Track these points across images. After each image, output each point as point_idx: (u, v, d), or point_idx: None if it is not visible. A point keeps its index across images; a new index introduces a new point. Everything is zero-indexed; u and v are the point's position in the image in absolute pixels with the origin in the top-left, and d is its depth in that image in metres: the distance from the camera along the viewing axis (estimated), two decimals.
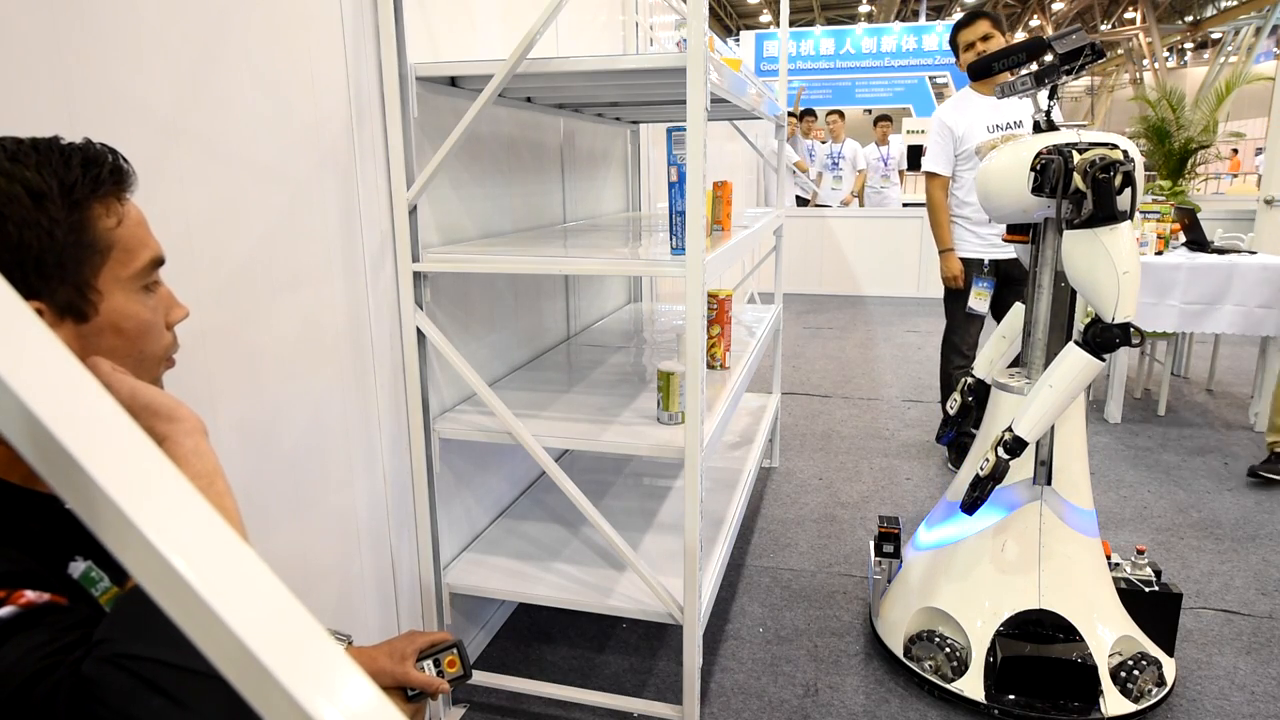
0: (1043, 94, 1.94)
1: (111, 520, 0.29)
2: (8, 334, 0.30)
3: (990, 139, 2.13)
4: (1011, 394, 2.01)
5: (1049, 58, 1.85)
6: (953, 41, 3.33)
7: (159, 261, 0.82)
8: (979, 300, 3.15)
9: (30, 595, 0.67)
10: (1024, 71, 1.94)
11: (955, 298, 3.44)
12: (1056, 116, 1.98)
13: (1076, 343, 1.82)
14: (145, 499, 0.29)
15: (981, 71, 2.10)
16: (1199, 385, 4.68)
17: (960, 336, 3.43)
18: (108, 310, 0.76)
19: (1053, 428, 1.94)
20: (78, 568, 0.74)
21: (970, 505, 1.93)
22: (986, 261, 3.29)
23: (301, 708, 0.26)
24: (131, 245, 0.78)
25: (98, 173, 0.75)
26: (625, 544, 1.74)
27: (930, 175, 3.36)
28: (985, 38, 3.16)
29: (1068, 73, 1.84)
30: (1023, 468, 1.96)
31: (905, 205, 7.97)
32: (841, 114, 8.02)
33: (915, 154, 8.00)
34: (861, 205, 8.08)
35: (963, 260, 3.38)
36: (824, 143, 8.16)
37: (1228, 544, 2.78)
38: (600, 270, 1.76)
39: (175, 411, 0.75)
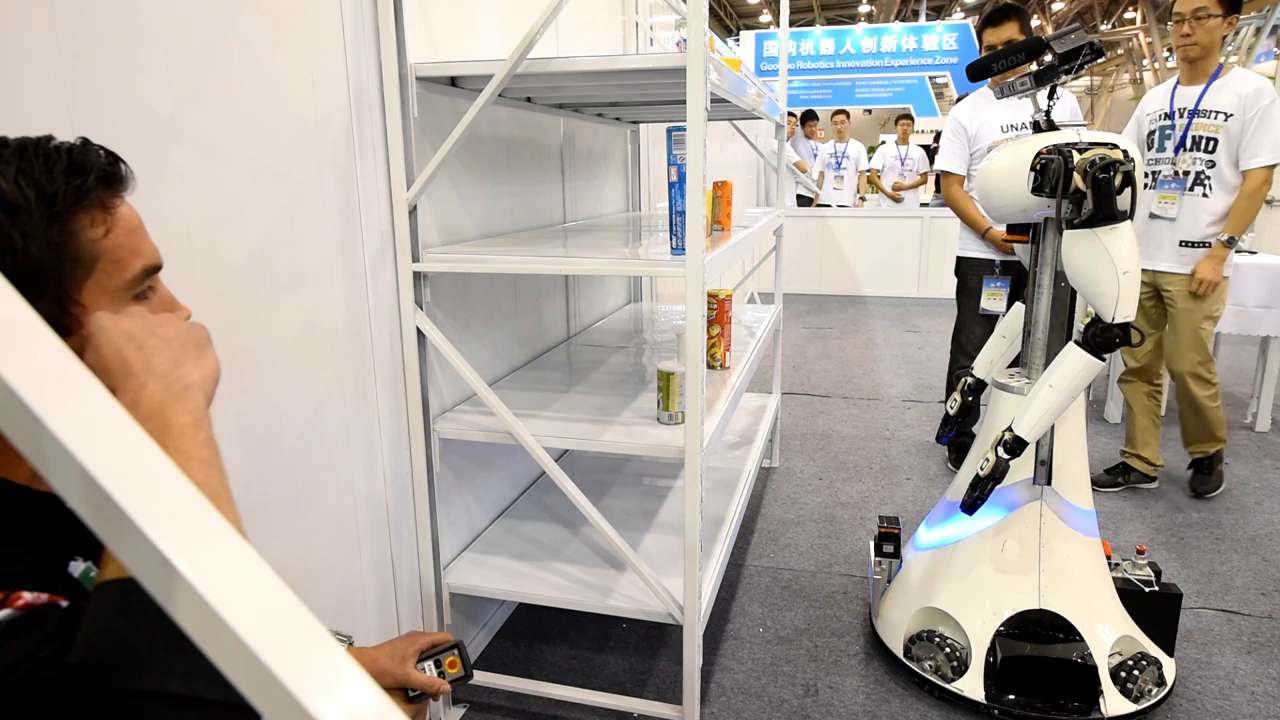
0: (1042, 94, 1.95)
1: (112, 520, 0.29)
2: (8, 337, 0.30)
3: (1005, 139, 2.15)
4: (1011, 394, 2.01)
5: (1048, 58, 1.85)
6: (979, 36, 3.28)
7: (154, 269, 0.78)
8: (993, 300, 3.13)
9: (28, 596, 0.67)
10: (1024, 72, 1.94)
11: (963, 298, 3.43)
12: (1059, 115, 1.97)
13: (1076, 343, 1.82)
14: (145, 498, 0.29)
15: (980, 73, 2.09)
16: None
17: (966, 336, 3.42)
18: None
19: (1053, 427, 1.95)
20: (78, 567, 0.73)
21: (970, 505, 1.93)
22: (997, 262, 3.27)
23: (303, 708, 0.26)
24: (121, 255, 0.73)
25: (82, 181, 0.70)
26: (625, 544, 1.74)
27: (945, 174, 3.35)
28: (1009, 42, 3.04)
29: (1067, 72, 1.84)
30: (1023, 468, 1.96)
31: (923, 205, 7.97)
32: (847, 113, 8.01)
33: (931, 154, 8.01)
34: (898, 201, 7.97)
35: (972, 260, 3.37)
36: (825, 142, 8.16)
37: (1228, 544, 2.78)
38: (600, 270, 1.76)
39: (212, 366, 0.73)
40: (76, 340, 0.72)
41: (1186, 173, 2.92)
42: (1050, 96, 1.95)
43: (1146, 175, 3.05)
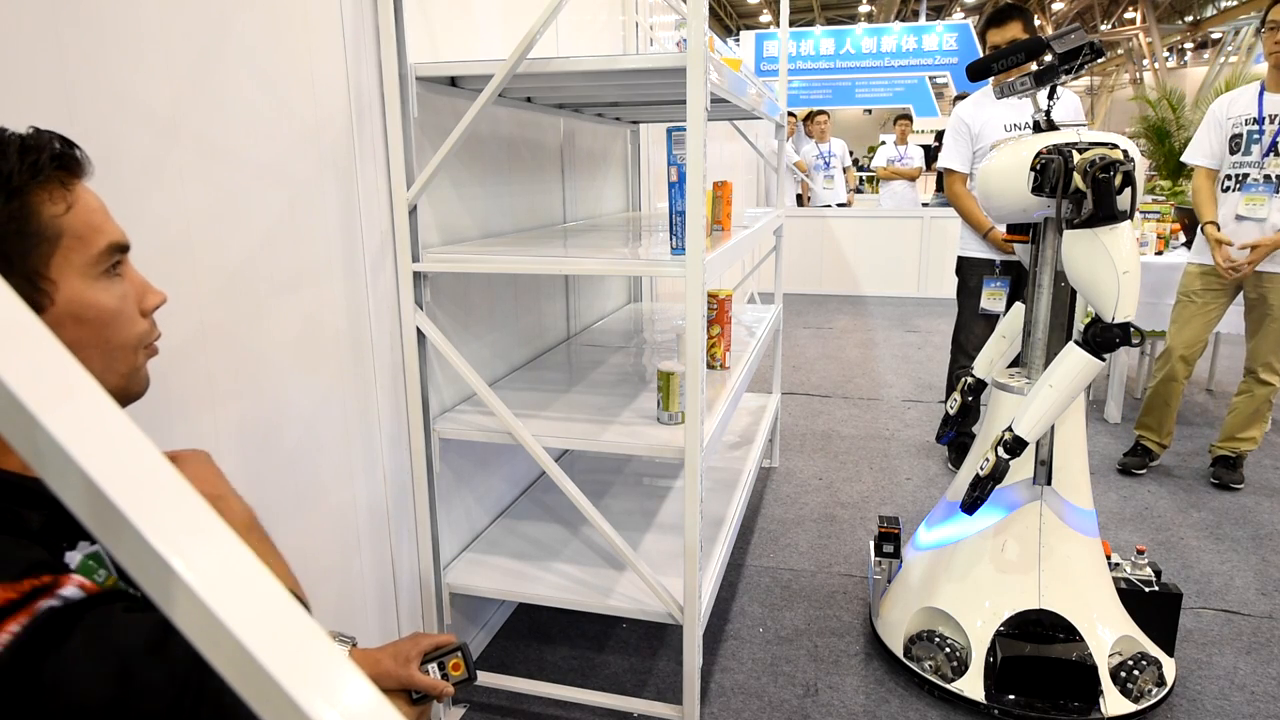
0: (1042, 94, 1.94)
1: (109, 521, 0.29)
2: (4, 336, 0.30)
3: (1007, 138, 2.15)
4: (1011, 394, 2.01)
5: (1048, 58, 1.85)
6: (982, 36, 3.29)
7: (120, 247, 0.79)
8: (993, 300, 3.13)
9: (79, 578, 0.68)
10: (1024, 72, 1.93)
11: (964, 298, 3.42)
12: (1061, 115, 1.97)
13: (1076, 342, 1.82)
14: (143, 499, 0.29)
15: (980, 73, 2.09)
16: (1199, 385, 4.68)
17: (966, 336, 3.42)
18: (65, 300, 0.74)
19: (1053, 427, 1.94)
20: (74, 557, 0.73)
21: (970, 505, 1.93)
22: (998, 262, 3.27)
23: (301, 710, 0.26)
24: (84, 231, 0.75)
25: (35, 159, 0.72)
26: (625, 544, 1.74)
27: (948, 171, 3.35)
28: (1013, 41, 3.04)
29: (1067, 72, 1.84)
30: (1023, 468, 1.96)
31: (924, 205, 7.96)
32: (827, 113, 8.00)
33: (930, 155, 7.98)
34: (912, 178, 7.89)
35: (973, 260, 3.37)
36: (813, 142, 8.15)
37: (1228, 544, 2.78)
38: (600, 270, 1.76)
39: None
40: (52, 316, 0.74)
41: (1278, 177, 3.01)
42: (1050, 96, 1.95)
43: (1230, 178, 3.11)
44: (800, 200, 8.30)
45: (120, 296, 0.79)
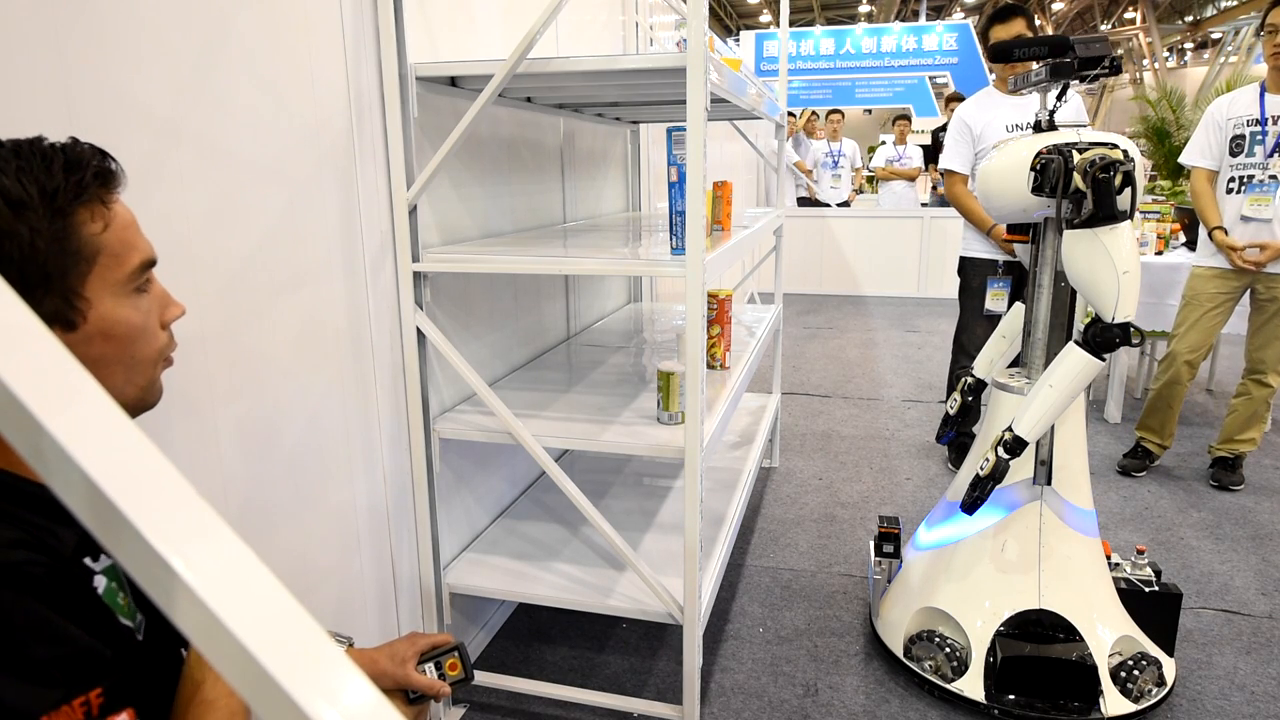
0: (1052, 92, 1.94)
1: (111, 522, 0.29)
2: (7, 339, 0.30)
3: (1009, 139, 2.15)
4: (1011, 394, 2.01)
5: (1066, 57, 1.85)
6: (984, 35, 3.30)
7: (150, 263, 0.80)
8: (996, 300, 3.14)
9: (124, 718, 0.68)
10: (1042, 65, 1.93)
11: (966, 298, 3.43)
12: (1065, 114, 1.97)
13: (1076, 342, 1.82)
14: (144, 500, 0.29)
15: (1002, 55, 2.09)
16: (1199, 385, 4.68)
17: (968, 337, 3.42)
18: (96, 318, 0.74)
19: (1053, 427, 1.94)
20: (101, 582, 0.73)
21: (970, 505, 1.93)
22: (1000, 262, 3.27)
23: (301, 710, 0.26)
24: (119, 249, 0.76)
25: (80, 177, 0.73)
26: (625, 544, 1.74)
27: (949, 173, 3.35)
28: (1018, 38, 3.07)
29: (1082, 79, 1.84)
30: (1023, 468, 1.96)
31: (923, 205, 7.96)
32: (841, 113, 8.02)
33: (930, 154, 8.00)
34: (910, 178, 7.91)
35: (975, 261, 3.37)
36: (820, 141, 8.16)
37: (1228, 544, 2.78)
38: (600, 270, 1.76)
39: None
40: (82, 334, 0.74)
41: None
42: (1059, 97, 1.95)
43: (1234, 180, 3.12)
44: (803, 200, 8.29)
45: (146, 312, 0.80)
